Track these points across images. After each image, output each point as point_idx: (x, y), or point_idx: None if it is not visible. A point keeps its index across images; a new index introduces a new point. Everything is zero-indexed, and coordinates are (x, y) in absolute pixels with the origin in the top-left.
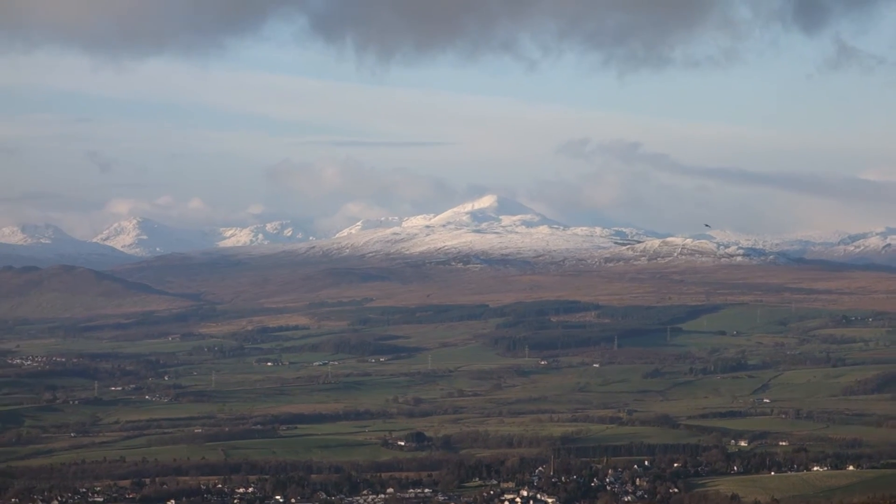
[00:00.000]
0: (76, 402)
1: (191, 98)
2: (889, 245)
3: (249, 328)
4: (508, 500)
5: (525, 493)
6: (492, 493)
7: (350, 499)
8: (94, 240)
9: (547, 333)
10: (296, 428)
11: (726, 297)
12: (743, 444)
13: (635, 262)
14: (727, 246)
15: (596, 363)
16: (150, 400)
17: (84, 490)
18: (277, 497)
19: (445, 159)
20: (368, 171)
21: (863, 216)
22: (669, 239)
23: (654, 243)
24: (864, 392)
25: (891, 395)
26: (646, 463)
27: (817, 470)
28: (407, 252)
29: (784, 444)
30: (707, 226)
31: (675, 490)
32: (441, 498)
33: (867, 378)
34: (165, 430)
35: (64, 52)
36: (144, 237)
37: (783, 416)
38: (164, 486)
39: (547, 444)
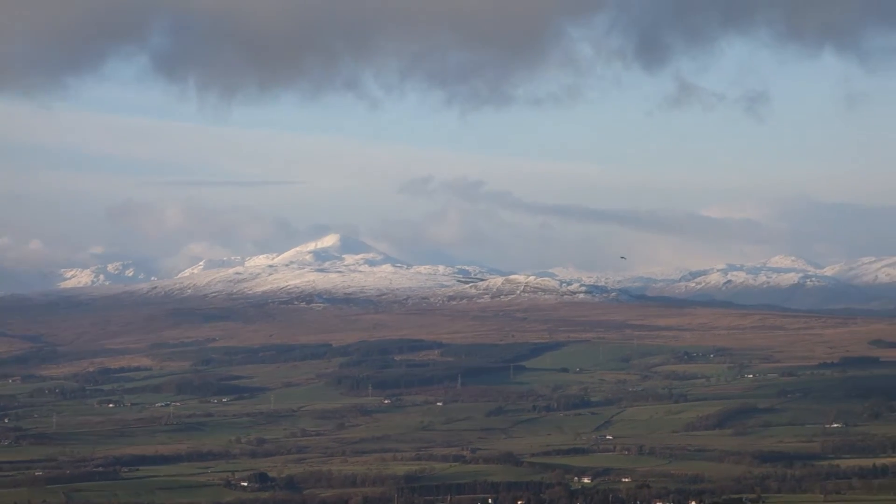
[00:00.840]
0: None
1: (33, 138)
2: (730, 281)
3: (91, 369)
4: None
5: None
6: None
7: None
8: None
9: (390, 372)
10: (138, 470)
11: (569, 335)
12: (586, 480)
13: (479, 300)
14: (570, 283)
15: (439, 401)
16: None
17: None
18: None
19: (288, 198)
20: (211, 210)
21: (704, 253)
22: (512, 277)
23: (497, 281)
24: (706, 428)
25: (732, 430)
26: (490, 501)
27: None
28: (250, 292)
29: (627, 480)
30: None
31: None
32: None
33: (708, 414)
34: (6, 474)
35: None
36: None
37: (626, 452)
38: None
39: (391, 483)
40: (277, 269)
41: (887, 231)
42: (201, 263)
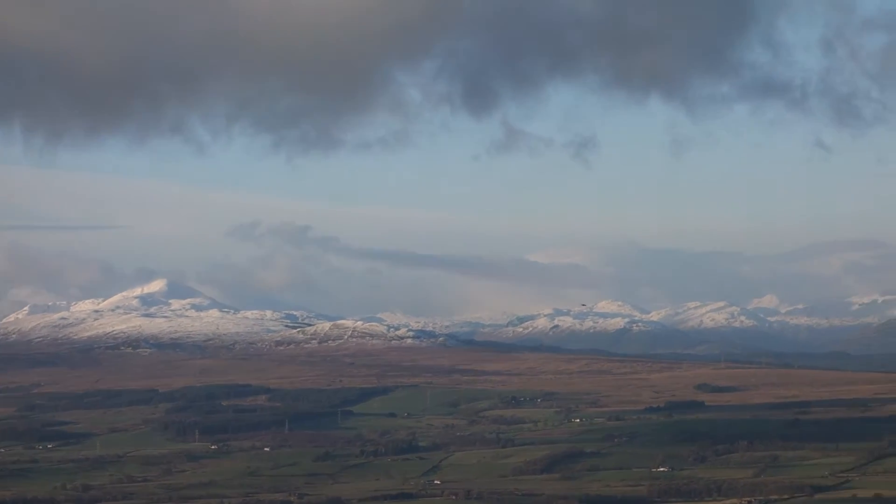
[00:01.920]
0: None
1: None
2: (557, 326)
3: None
4: None
5: None
6: None
7: None
8: None
9: (217, 417)
10: None
11: (397, 379)
12: None
13: (306, 345)
14: (398, 328)
15: (267, 447)
16: None
17: None
18: None
19: (114, 243)
20: (35, 254)
21: (531, 298)
22: (340, 322)
23: (325, 326)
24: (533, 472)
25: (559, 474)
26: None
27: None
28: (75, 337)
29: None
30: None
31: None
32: None
33: (536, 458)
34: None
35: None
36: None
37: (453, 496)
38: None
39: None
40: (103, 314)
41: (712, 276)
42: (26, 308)
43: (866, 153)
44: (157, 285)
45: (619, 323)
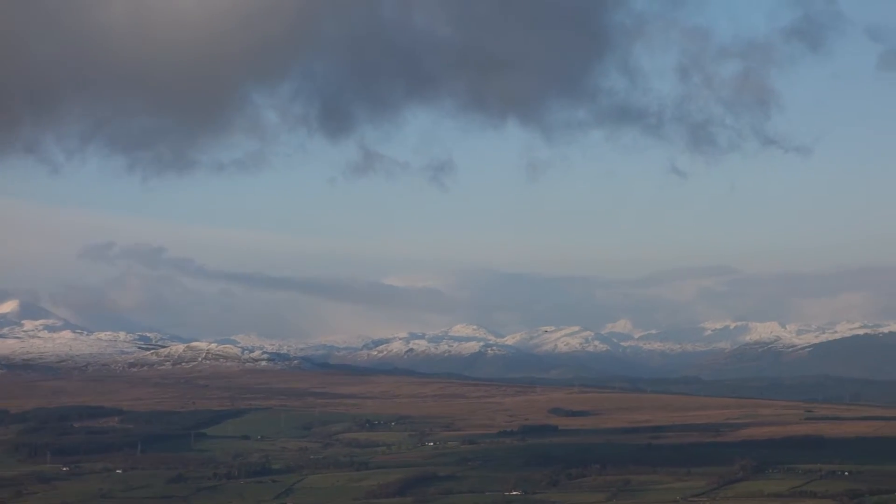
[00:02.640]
0: None
1: None
2: (412, 350)
3: None
4: None
5: None
6: None
7: None
8: None
9: (70, 439)
10: None
11: (251, 402)
12: None
13: (160, 367)
14: (252, 351)
15: (119, 469)
16: None
17: None
18: None
19: None
20: None
21: (386, 321)
22: (194, 344)
23: (178, 348)
24: (387, 495)
25: (412, 498)
26: None
27: None
28: None
29: None
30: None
31: None
32: None
33: (390, 481)
34: None
35: None
36: None
37: None
38: None
39: None
40: None
41: (566, 301)
42: None
43: (720, 180)
44: (9, 306)
45: (473, 347)
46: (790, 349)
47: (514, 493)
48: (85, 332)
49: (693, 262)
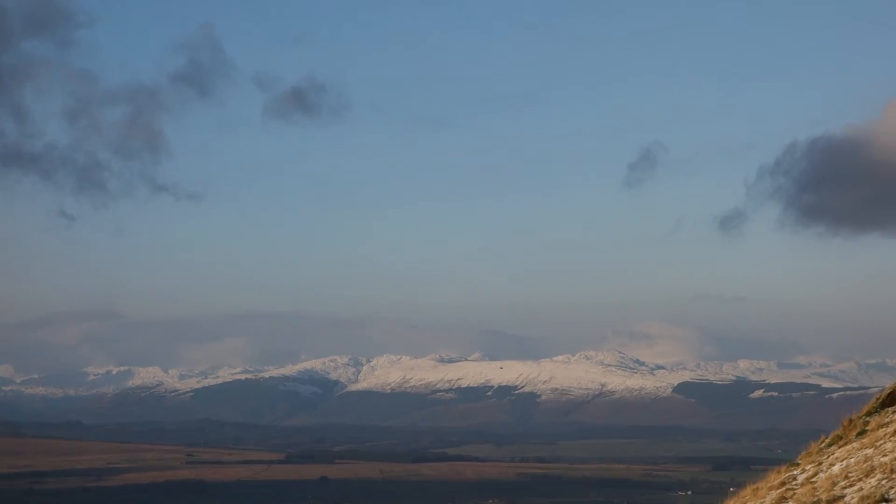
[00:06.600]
0: None
1: None
2: None
3: None
4: None
5: None
6: None
7: None
8: None
9: None
10: None
11: None
12: None
13: None
14: None
15: None
16: None
17: None
18: None
19: None
20: None
21: None
22: None
23: None
24: None
25: None
26: None
27: None
28: None
29: None
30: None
31: None
32: None
33: None
34: None
35: None
36: None
37: None
38: None
39: None
40: None
41: None
42: None
43: (107, 224)
44: None
45: None
46: (173, 393)
47: None
48: None
49: (78, 306)
